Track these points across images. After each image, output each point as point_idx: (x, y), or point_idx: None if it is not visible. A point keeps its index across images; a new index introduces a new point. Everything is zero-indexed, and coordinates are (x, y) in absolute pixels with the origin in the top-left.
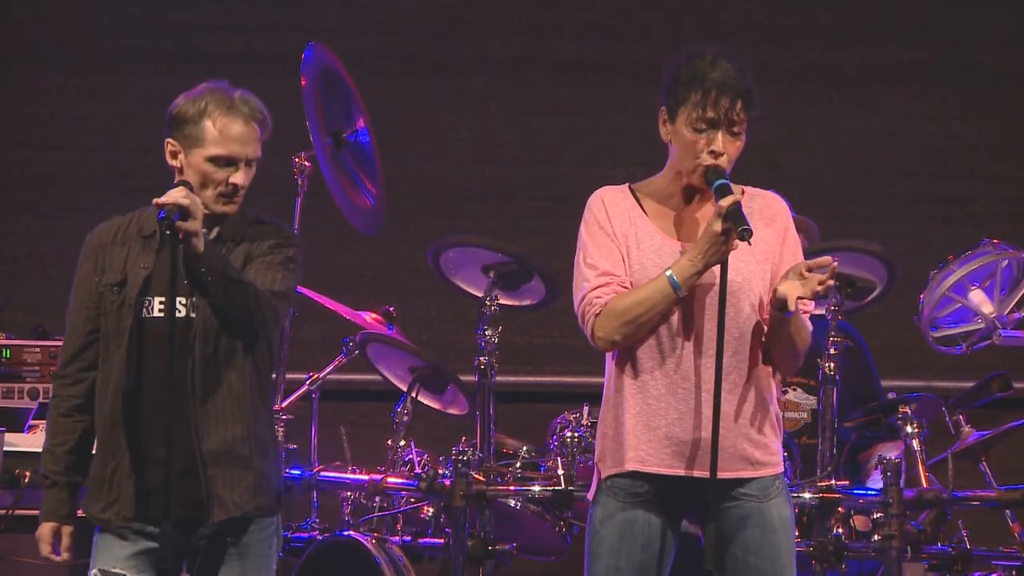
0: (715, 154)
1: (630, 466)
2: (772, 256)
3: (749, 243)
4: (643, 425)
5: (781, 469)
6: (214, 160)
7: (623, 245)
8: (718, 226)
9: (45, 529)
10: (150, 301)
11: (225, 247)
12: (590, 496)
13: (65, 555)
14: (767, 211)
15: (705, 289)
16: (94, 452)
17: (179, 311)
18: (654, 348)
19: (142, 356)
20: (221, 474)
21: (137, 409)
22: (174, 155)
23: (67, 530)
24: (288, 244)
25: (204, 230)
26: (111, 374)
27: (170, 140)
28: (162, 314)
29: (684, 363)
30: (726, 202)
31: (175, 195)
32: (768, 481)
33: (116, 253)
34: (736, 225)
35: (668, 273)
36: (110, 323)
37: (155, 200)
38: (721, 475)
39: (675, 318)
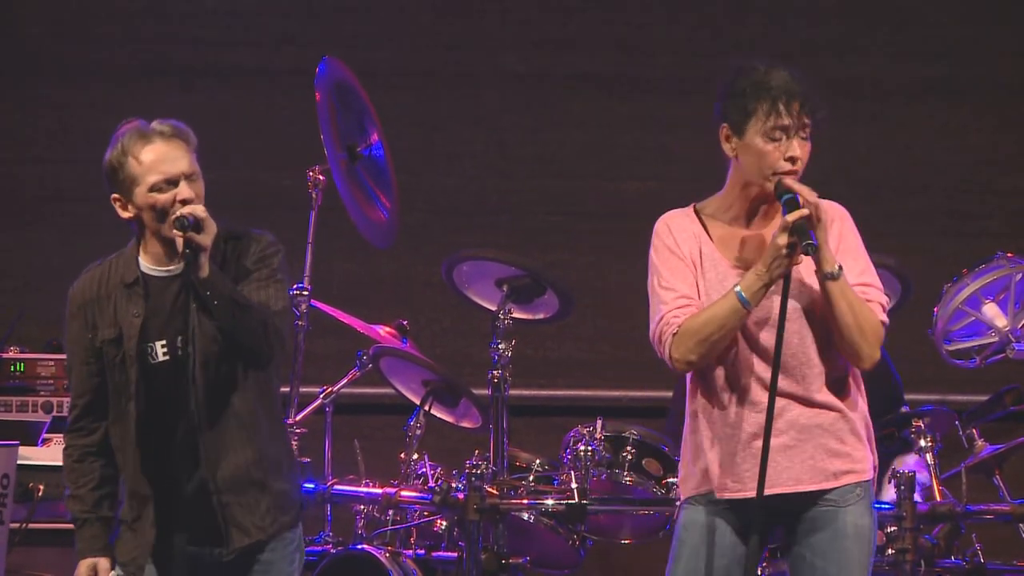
0: (792, 160)
1: (718, 495)
2: None
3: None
4: (718, 451)
5: (867, 476)
6: (154, 188)
7: (692, 267)
8: (783, 240)
9: (83, 567)
10: (152, 347)
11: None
12: (679, 502)
13: None
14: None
15: (771, 314)
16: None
17: (178, 349)
18: (722, 374)
19: (156, 402)
20: (237, 500)
21: (160, 455)
22: (124, 207)
23: (104, 564)
24: (271, 253)
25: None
26: (128, 428)
27: (113, 196)
28: (167, 357)
29: (754, 387)
30: (792, 216)
31: (195, 207)
32: (849, 488)
33: (104, 308)
34: (801, 239)
35: (736, 289)
36: (116, 377)
37: (177, 212)
38: (803, 488)
39: (743, 344)
